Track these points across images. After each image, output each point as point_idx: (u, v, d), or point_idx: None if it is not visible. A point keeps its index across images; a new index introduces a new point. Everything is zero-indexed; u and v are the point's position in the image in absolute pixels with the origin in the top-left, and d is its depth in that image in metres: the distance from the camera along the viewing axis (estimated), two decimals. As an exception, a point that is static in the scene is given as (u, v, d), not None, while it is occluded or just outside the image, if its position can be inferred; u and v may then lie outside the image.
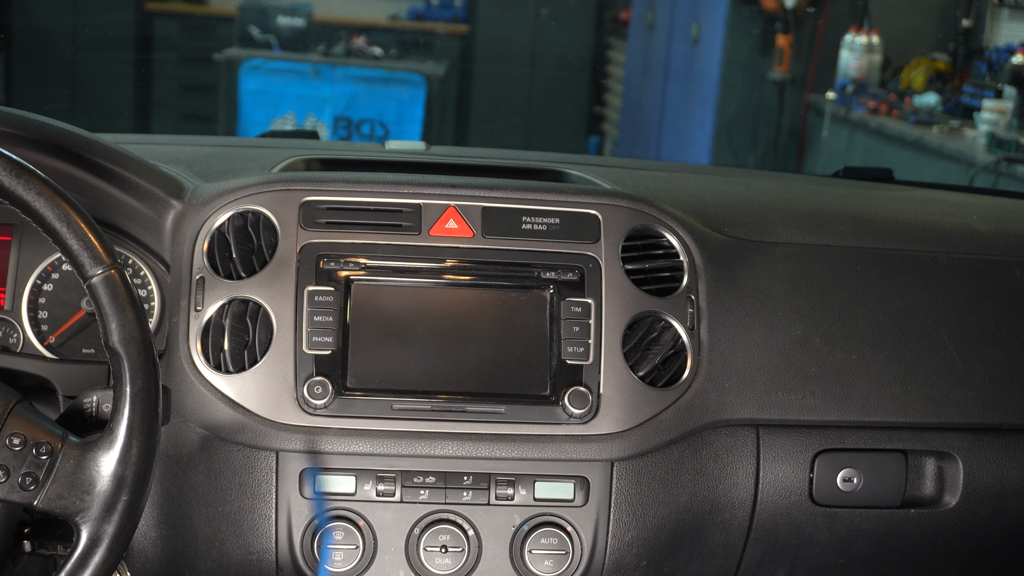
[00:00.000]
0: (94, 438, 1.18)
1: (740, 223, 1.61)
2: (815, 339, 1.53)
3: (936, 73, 5.59)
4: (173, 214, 1.49)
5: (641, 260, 1.50)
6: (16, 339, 1.49)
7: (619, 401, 1.44)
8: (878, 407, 1.53)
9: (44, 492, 1.16)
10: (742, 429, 1.53)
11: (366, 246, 1.46)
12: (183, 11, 7.53)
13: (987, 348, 1.58)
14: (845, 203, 1.85)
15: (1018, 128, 4.66)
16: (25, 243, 1.51)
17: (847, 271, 1.58)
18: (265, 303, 1.42)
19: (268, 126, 6.55)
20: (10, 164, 1.18)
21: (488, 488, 1.45)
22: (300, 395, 1.40)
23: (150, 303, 1.51)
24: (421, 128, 6.72)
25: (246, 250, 1.46)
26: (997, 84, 4.95)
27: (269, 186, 1.48)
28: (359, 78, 6.73)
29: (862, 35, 5.75)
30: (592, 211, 1.50)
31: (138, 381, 1.18)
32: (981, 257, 1.65)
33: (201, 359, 1.41)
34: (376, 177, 1.51)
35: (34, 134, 1.40)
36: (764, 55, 6.27)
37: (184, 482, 1.44)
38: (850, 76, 5.71)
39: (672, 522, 1.49)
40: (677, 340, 1.48)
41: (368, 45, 6.91)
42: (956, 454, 1.58)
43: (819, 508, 1.56)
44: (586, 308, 1.46)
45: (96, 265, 1.18)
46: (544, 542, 1.45)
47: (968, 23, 5.54)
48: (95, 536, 1.15)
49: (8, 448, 1.16)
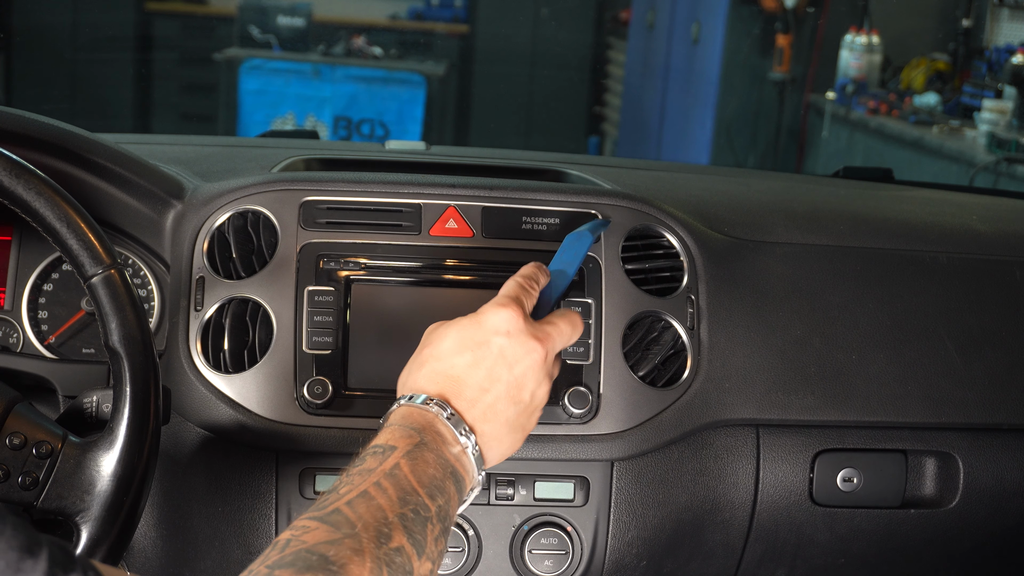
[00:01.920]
0: (94, 438, 1.18)
1: (740, 223, 1.61)
2: (815, 339, 1.53)
3: (936, 73, 5.59)
4: (173, 214, 1.49)
5: (641, 260, 1.50)
6: (16, 339, 1.49)
7: (619, 401, 1.44)
8: (878, 407, 1.53)
9: (44, 492, 1.16)
10: (742, 429, 1.53)
11: (366, 246, 1.46)
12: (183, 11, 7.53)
13: (987, 348, 1.58)
14: (845, 203, 1.85)
15: (1018, 128, 4.66)
16: (25, 243, 1.51)
17: (847, 271, 1.58)
18: (265, 303, 1.42)
19: (268, 126, 6.55)
20: (10, 164, 1.18)
21: (488, 488, 1.45)
22: (300, 395, 1.40)
23: (150, 303, 1.51)
24: (421, 128, 6.72)
25: (246, 250, 1.46)
26: (997, 84, 4.95)
27: (269, 186, 1.48)
28: (359, 78, 6.73)
29: (862, 35, 5.75)
30: (592, 211, 1.50)
31: (138, 381, 1.18)
32: (981, 257, 1.65)
33: (201, 359, 1.41)
34: (376, 177, 1.51)
35: (34, 134, 1.40)
36: (764, 55, 6.27)
37: (184, 482, 1.44)
38: (850, 76, 5.71)
39: (672, 522, 1.49)
40: (677, 340, 1.48)
41: (368, 45, 6.91)
42: (956, 454, 1.58)
43: (819, 508, 1.56)
44: (586, 308, 1.46)
45: (96, 265, 1.18)
46: (544, 542, 1.46)
47: (968, 23, 5.54)
48: (95, 536, 1.15)
49: (8, 448, 1.16)
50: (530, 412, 1.16)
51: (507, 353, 1.13)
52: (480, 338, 1.14)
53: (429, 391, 1.12)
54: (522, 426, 1.16)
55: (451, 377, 1.13)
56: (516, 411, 1.14)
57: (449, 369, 1.13)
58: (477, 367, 1.13)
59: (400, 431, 1.08)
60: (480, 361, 1.13)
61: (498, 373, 1.13)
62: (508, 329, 1.14)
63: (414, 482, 1.03)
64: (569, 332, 1.20)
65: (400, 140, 1.95)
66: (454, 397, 1.12)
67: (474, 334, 1.14)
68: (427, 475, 1.04)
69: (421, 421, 1.09)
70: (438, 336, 1.15)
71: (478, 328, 1.14)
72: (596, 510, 1.46)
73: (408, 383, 1.15)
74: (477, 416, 1.12)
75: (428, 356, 1.15)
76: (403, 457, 1.04)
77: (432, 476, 1.05)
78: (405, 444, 1.06)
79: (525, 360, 1.14)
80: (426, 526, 1.01)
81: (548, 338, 1.17)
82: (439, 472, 1.06)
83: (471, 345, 1.13)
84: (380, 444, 1.07)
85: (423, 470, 1.05)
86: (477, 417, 1.12)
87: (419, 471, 1.04)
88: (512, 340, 1.14)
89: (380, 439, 1.07)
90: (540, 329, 1.17)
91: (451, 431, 1.10)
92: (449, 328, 1.15)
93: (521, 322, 1.14)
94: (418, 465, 1.04)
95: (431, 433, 1.08)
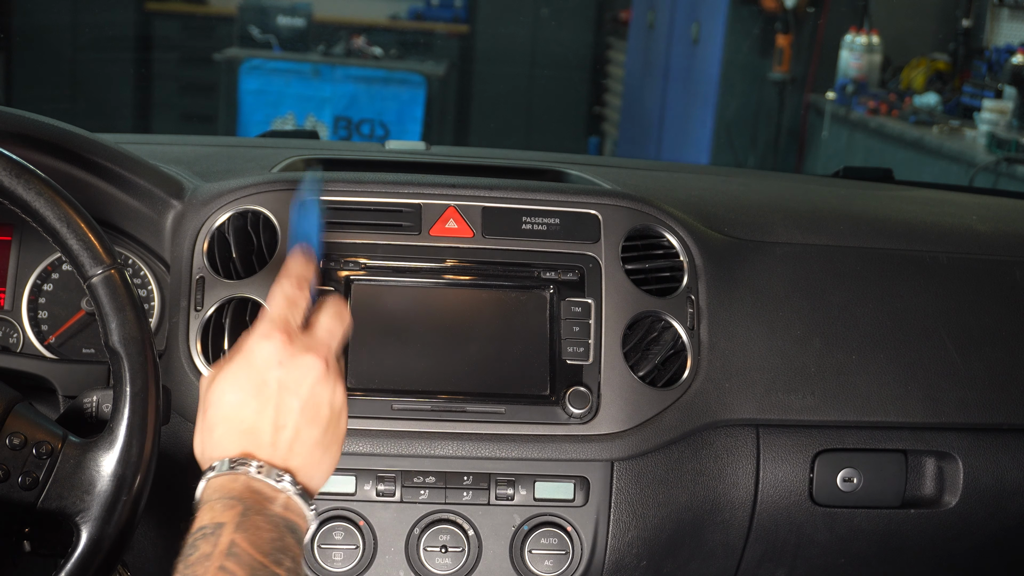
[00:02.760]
0: (94, 438, 1.18)
1: (740, 223, 1.61)
2: (815, 339, 1.53)
3: (936, 73, 5.59)
4: (173, 214, 1.49)
5: (641, 260, 1.50)
6: (16, 339, 1.49)
7: (619, 401, 1.44)
8: (878, 407, 1.53)
9: (44, 492, 1.16)
10: (742, 429, 1.53)
11: (366, 246, 1.46)
12: (183, 11, 7.54)
13: (987, 348, 1.58)
14: (845, 203, 1.85)
15: (1018, 128, 4.66)
16: (25, 243, 1.51)
17: (847, 271, 1.58)
18: (265, 303, 1.42)
19: (268, 126, 6.55)
20: (10, 164, 1.18)
21: (488, 488, 1.45)
22: (300, 395, 1.40)
23: (150, 303, 1.50)
24: (421, 128, 6.72)
25: (246, 250, 1.46)
26: (997, 84, 4.95)
27: (269, 186, 1.48)
28: (359, 78, 6.73)
29: (862, 35, 5.75)
30: (592, 211, 1.50)
31: (138, 381, 1.18)
32: (981, 257, 1.65)
33: (201, 359, 1.41)
34: (376, 177, 1.51)
35: (34, 134, 1.40)
36: (764, 55, 6.27)
37: (184, 482, 1.44)
38: (850, 76, 5.71)
39: (672, 522, 1.49)
40: (677, 340, 1.48)
41: (368, 45, 6.92)
42: (956, 454, 1.58)
43: (819, 508, 1.56)
44: (586, 308, 1.46)
45: (96, 265, 1.18)
46: (544, 542, 1.45)
47: (968, 23, 5.54)
48: (95, 536, 1.15)
49: (8, 448, 1.16)
50: (336, 422, 1.13)
51: (287, 382, 1.10)
52: (256, 380, 1.10)
53: (230, 453, 1.09)
54: (335, 439, 1.13)
55: (244, 431, 1.09)
56: (321, 429, 1.11)
57: (239, 424, 1.09)
58: (265, 410, 1.09)
59: (220, 504, 1.04)
60: (266, 404, 1.09)
61: (288, 405, 1.10)
62: (279, 359, 1.10)
63: (256, 555, 0.99)
64: (337, 328, 1.16)
65: (400, 140, 1.95)
66: (256, 448, 1.08)
67: (249, 377, 1.10)
68: (265, 540, 1.01)
69: (235, 487, 1.06)
70: (217, 394, 1.11)
71: (250, 369, 1.10)
72: (596, 510, 1.46)
73: (207, 453, 1.12)
74: (285, 455, 1.09)
75: (215, 418, 1.11)
76: (235, 532, 1.01)
77: (271, 539, 1.02)
78: (231, 516, 1.02)
79: (308, 378, 1.10)
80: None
81: (321, 345, 1.13)
82: (275, 532, 1.03)
83: (251, 391, 1.10)
84: (206, 524, 1.03)
85: (260, 536, 1.01)
86: (286, 456, 1.09)
87: (256, 540, 1.01)
88: (287, 368, 1.10)
89: (204, 519, 1.04)
90: (310, 340, 1.13)
91: (267, 484, 1.06)
92: (224, 381, 1.11)
93: (289, 346, 1.11)
94: (252, 534, 1.01)
95: (250, 496, 1.05)
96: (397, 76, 6.80)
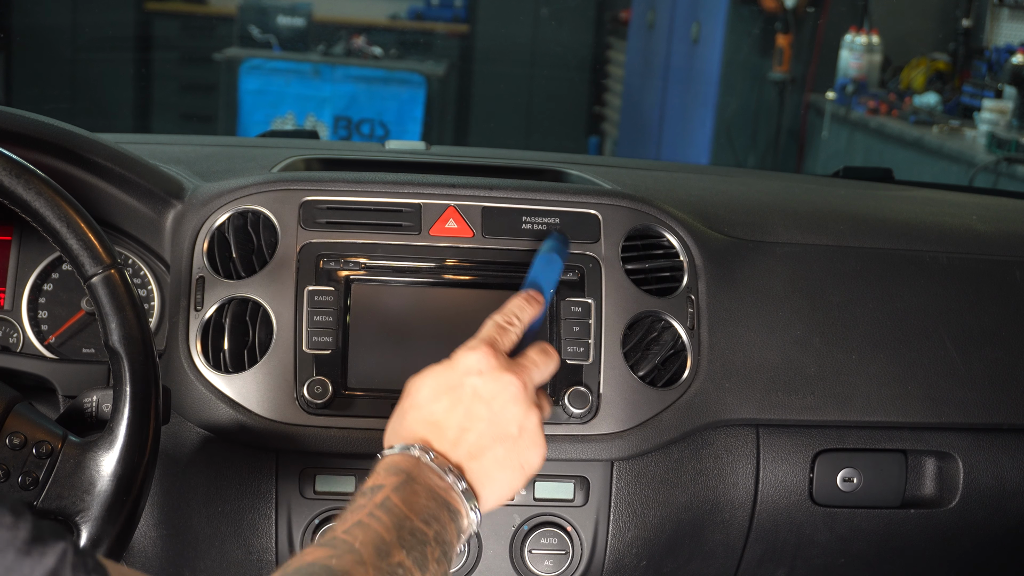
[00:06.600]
0: (94, 438, 1.19)
1: (740, 223, 1.61)
2: (815, 339, 1.53)
3: (936, 73, 5.59)
4: (173, 214, 1.49)
5: (641, 260, 1.50)
6: (16, 339, 1.49)
7: (619, 401, 1.44)
8: (878, 407, 1.53)
9: (44, 492, 1.16)
10: (742, 429, 1.53)
11: (366, 246, 1.46)
12: (183, 11, 7.54)
13: (987, 348, 1.58)
14: (845, 203, 1.85)
15: (1018, 128, 4.66)
16: (25, 243, 1.51)
17: (847, 271, 1.58)
18: (265, 303, 1.42)
19: (268, 126, 6.55)
20: (10, 164, 1.18)
21: (488, 488, 1.45)
22: (300, 395, 1.40)
23: (150, 303, 1.51)
24: (421, 128, 6.72)
25: (246, 250, 1.46)
26: (997, 84, 4.95)
27: (269, 186, 1.48)
28: (359, 78, 6.73)
29: (862, 35, 5.75)
30: (592, 211, 1.50)
31: (138, 381, 1.18)
32: (981, 257, 1.65)
33: (201, 359, 1.41)
34: (376, 177, 1.51)
35: (34, 134, 1.40)
36: (764, 55, 6.27)
37: (184, 482, 1.44)
38: (850, 76, 5.71)
39: (672, 522, 1.49)
40: (677, 340, 1.48)
41: (368, 45, 6.91)
42: (956, 454, 1.58)
43: (819, 508, 1.56)
44: (586, 308, 1.46)
45: (96, 265, 1.18)
46: (544, 542, 1.45)
47: (968, 23, 5.54)
48: (95, 536, 1.15)
49: (8, 448, 1.16)
50: (523, 447, 1.14)
51: (482, 391, 1.13)
52: (454, 381, 1.14)
53: (411, 439, 1.12)
54: (518, 463, 1.14)
55: (430, 423, 1.13)
56: (505, 448, 1.13)
57: (428, 416, 1.13)
58: (455, 409, 1.12)
59: (386, 473, 1.08)
60: (457, 403, 1.13)
61: (477, 411, 1.12)
62: (480, 368, 1.14)
63: (406, 510, 1.03)
64: (544, 362, 1.20)
65: (400, 140, 1.95)
66: (436, 440, 1.12)
67: (448, 379, 1.14)
68: (419, 504, 1.04)
69: (406, 464, 1.09)
70: (415, 387, 1.16)
71: (451, 372, 1.15)
72: (596, 510, 1.46)
73: (391, 436, 1.16)
74: (462, 456, 1.11)
75: (407, 407, 1.15)
76: (392, 491, 1.05)
77: (424, 505, 1.05)
78: (393, 481, 1.06)
79: (503, 394, 1.13)
80: (425, 548, 1.02)
81: (523, 370, 1.16)
82: (431, 503, 1.06)
83: (446, 389, 1.14)
84: (368, 487, 1.07)
85: (414, 500, 1.05)
86: (462, 456, 1.11)
87: (410, 501, 1.04)
88: (485, 378, 1.13)
89: (368, 484, 1.08)
90: (514, 363, 1.17)
91: (436, 470, 1.09)
92: (425, 377, 1.16)
93: (493, 360, 1.14)
94: (408, 496, 1.05)
95: (416, 470, 1.08)
96: (397, 76, 6.81)
